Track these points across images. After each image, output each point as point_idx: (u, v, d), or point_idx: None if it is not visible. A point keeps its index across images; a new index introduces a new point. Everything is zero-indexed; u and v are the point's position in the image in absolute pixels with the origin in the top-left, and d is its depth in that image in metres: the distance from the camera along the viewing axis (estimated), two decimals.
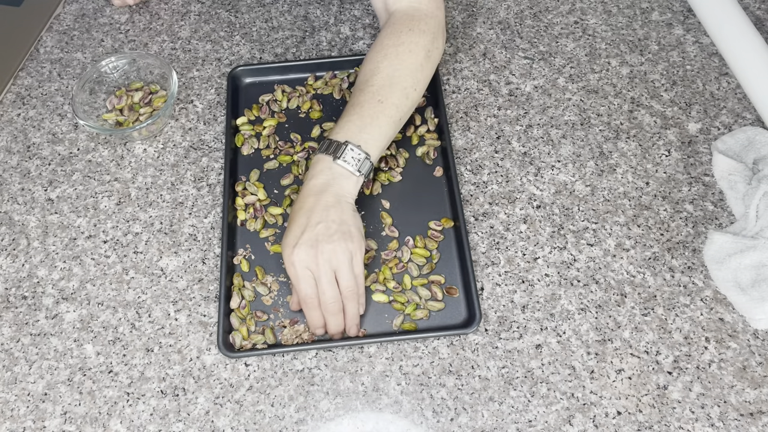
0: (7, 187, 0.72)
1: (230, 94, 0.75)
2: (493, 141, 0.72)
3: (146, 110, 0.75)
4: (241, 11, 0.86)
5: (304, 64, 0.77)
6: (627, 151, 0.71)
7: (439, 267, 0.64)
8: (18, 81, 0.81)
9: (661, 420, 0.56)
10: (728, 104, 0.74)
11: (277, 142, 0.72)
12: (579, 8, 0.83)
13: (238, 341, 0.60)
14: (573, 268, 0.64)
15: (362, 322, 0.61)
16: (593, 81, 0.77)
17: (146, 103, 0.76)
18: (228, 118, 0.73)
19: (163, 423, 0.57)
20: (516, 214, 0.67)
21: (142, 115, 0.75)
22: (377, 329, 0.61)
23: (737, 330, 0.60)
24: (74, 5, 0.88)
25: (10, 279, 0.66)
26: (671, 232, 0.66)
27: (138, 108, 0.75)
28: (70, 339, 0.62)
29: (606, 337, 0.60)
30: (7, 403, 0.59)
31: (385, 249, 0.65)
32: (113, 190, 0.71)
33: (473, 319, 0.59)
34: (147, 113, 0.75)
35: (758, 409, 0.56)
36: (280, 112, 0.75)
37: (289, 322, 0.61)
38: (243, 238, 0.67)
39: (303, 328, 0.61)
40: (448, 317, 0.61)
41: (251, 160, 0.72)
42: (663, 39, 0.80)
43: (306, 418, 0.57)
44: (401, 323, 0.61)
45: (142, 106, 0.75)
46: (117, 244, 0.67)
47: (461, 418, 0.56)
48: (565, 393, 0.57)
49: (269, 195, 0.69)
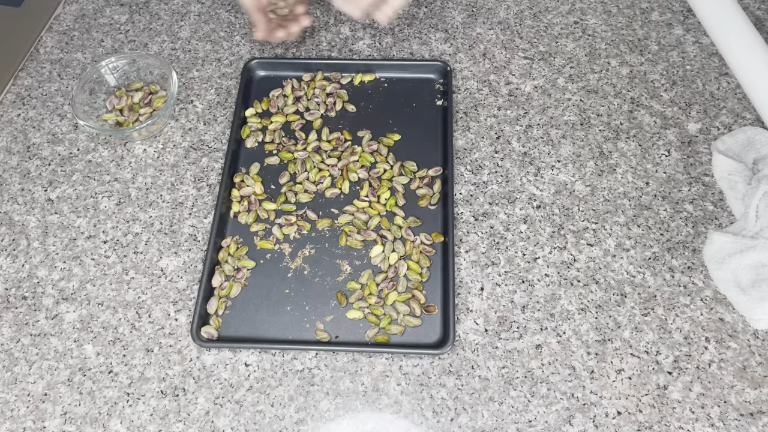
0: (7, 187, 0.72)
1: (242, 86, 0.76)
2: (493, 141, 0.72)
3: (146, 110, 0.75)
4: (241, 11, 0.86)
5: (320, 63, 0.78)
6: (627, 151, 0.71)
7: (424, 284, 0.63)
8: (18, 81, 0.81)
9: (661, 420, 0.56)
10: (728, 104, 0.74)
11: (282, 138, 0.73)
12: (579, 8, 0.83)
13: (212, 327, 0.61)
14: (573, 268, 0.64)
15: (339, 331, 0.61)
16: (593, 81, 0.77)
17: (146, 104, 0.76)
18: (237, 108, 0.74)
19: (163, 423, 0.57)
20: (516, 214, 0.67)
21: (142, 116, 0.75)
22: (350, 338, 0.61)
23: (737, 330, 0.60)
24: (74, 5, 0.88)
25: (10, 279, 0.66)
26: (671, 232, 0.66)
27: (138, 108, 0.75)
28: (70, 339, 0.62)
29: (606, 337, 0.60)
30: (7, 404, 0.59)
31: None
32: (113, 191, 0.71)
33: (446, 341, 0.59)
34: (147, 113, 0.75)
35: (758, 409, 0.56)
36: (285, 107, 0.75)
37: None
38: (233, 229, 0.67)
39: None
40: (423, 335, 0.61)
41: (254, 154, 0.72)
42: (663, 39, 0.80)
43: (306, 418, 0.57)
44: (374, 335, 0.60)
45: (142, 107, 0.75)
46: (117, 245, 0.67)
47: (461, 418, 0.56)
48: (565, 393, 0.57)
49: (265, 190, 0.69)
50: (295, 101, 0.76)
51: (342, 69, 0.78)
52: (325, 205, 0.69)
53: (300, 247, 0.66)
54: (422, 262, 0.64)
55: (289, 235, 0.67)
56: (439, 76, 0.77)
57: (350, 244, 0.65)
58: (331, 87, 0.76)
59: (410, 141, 0.72)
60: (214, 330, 0.61)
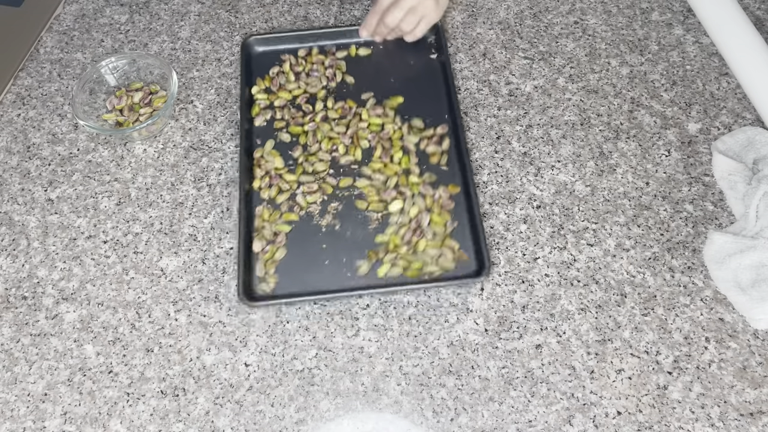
0: (7, 187, 0.72)
1: (244, 64, 0.77)
2: (493, 141, 0.72)
3: (146, 110, 0.75)
4: (241, 11, 0.86)
5: (316, 32, 0.79)
6: (627, 151, 0.71)
7: (451, 235, 0.65)
8: (18, 81, 0.81)
9: (661, 420, 0.56)
10: (728, 104, 0.74)
11: (291, 113, 0.74)
12: (579, 8, 0.83)
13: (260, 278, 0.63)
14: (573, 268, 0.64)
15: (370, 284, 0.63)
16: (593, 81, 0.77)
17: (146, 104, 0.76)
18: (242, 86, 0.75)
19: (163, 423, 0.57)
20: (516, 214, 0.67)
21: (142, 115, 0.75)
22: (379, 282, 0.62)
23: (737, 330, 0.60)
24: (74, 5, 0.88)
25: (10, 279, 0.66)
26: (671, 232, 0.66)
27: (138, 108, 0.75)
28: (70, 339, 0.62)
29: (606, 337, 0.60)
30: (7, 404, 0.59)
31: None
32: (113, 191, 0.71)
33: (482, 269, 0.61)
34: (147, 113, 0.75)
35: (758, 409, 0.56)
36: (288, 84, 0.76)
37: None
38: (258, 202, 0.68)
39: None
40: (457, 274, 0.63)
41: (265, 131, 0.73)
42: (663, 39, 0.80)
43: (306, 418, 0.57)
44: (406, 272, 0.63)
45: (142, 107, 0.75)
46: (117, 245, 0.67)
47: (461, 418, 0.56)
48: (565, 393, 0.57)
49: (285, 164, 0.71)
50: (296, 77, 0.77)
51: (340, 36, 0.79)
52: (342, 173, 0.70)
53: (327, 205, 0.67)
54: (443, 216, 0.65)
55: (315, 201, 0.68)
56: (431, 32, 0.78)
57: (372, 207, 0.67)
58: (329, 60, 0.78)
59: (414, 99, 0.74)
60: (269, 286, 0.62)
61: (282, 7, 0.85)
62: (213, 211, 0.69)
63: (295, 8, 0.85)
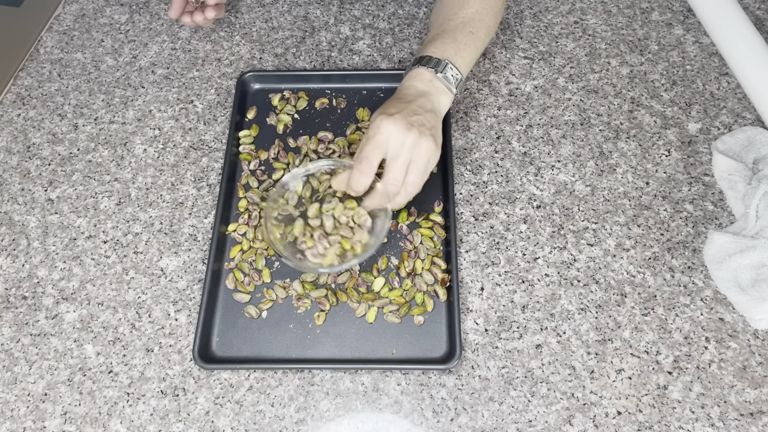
0: (7, 187, 0.72)
1: (237, 101, 0.75)
2: (493, 141, 0.72)
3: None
4: (241, 11, 0.86)
5: (314, 74, 0.77)
6: (627, 151, 0.71)
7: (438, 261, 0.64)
8: (18, 81, 0.81)
9: (661, 420, 0.56)
10: (728, 104, 0.74)
11: (278, 153, 0.72)
12: (579, 8, 0.83)
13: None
14: (573, 268, 0.64)
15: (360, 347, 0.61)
16: (593, 81, 0.77)
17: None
18: (232, 119, 0.73)
19: (163, 423, 0.57)
20: (516, 214, 0.67)
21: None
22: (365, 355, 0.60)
23: (737, 330, 0.60)
24: (74, 5, 0.88)
25: (10, 279, 0.66)
26: (671, 232, 0.66)
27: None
28: (70, 339, 0.62)
29: (606, 337, 0.60)
30: (7, 404, 0.59)
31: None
32: (113, 191, 0.71)
33: (453, 355, 0.58)
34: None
35: (758, 409, 0.56)
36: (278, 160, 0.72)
37: None
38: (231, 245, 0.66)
39: None
40: (428, 349, 0.60)
41: (251, 172, 0.71)
42: (663, 39, 0.80)
43: (306, 418, 0.57)
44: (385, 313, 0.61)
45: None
46: (117, 245, 0.67)
47: (461, 418, 0.56)
48: (565, 393, 0.57)
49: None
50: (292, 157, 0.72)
51: (338, 80, 0.76)
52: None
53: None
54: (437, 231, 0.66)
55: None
56: None
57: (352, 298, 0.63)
58: (321, 146, 0.72)
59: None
60: None
61: (282, 7, 0.85)
62: (213, 211, 0.69)
63: (295, 8, 0.85)
